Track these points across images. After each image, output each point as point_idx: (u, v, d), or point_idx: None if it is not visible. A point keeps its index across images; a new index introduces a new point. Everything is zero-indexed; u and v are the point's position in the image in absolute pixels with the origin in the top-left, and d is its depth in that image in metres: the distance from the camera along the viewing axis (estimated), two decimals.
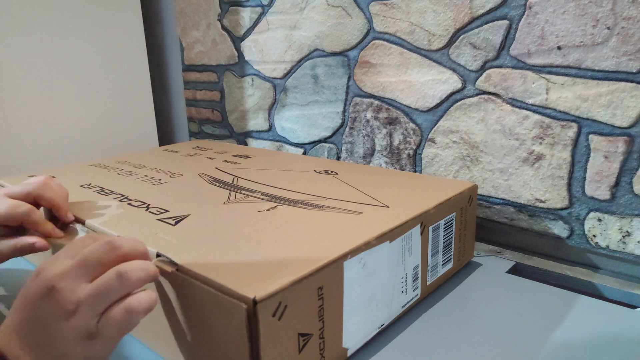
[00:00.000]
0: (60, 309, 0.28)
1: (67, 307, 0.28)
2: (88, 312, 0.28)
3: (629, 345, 0.39)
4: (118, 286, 0.29)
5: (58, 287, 0.28)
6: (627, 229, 0.52)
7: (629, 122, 0.50)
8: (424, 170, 0.68)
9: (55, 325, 0.28)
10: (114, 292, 0.29)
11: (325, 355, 0.35)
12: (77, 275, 0.29)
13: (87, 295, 0.29)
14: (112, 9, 0.92)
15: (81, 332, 0.28)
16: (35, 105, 0.84)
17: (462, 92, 0.61)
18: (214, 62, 0.95)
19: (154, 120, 1.03)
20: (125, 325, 0.29)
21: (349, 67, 0.73)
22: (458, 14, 0.59)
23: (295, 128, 0.84)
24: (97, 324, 0.29)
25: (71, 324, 0.28)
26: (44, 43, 0.84)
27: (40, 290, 0.29)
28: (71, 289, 0.29)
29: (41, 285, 0.29)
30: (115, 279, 0.29)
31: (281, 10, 0.79)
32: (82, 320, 0.28)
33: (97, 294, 0.29)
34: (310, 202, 0.47)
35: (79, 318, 0.28)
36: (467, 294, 0.48)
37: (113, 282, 0.29)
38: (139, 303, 0.30)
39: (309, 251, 0.35)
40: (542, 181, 0.57)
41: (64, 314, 0.28)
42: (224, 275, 0.32)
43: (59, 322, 0.28)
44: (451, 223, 0.49)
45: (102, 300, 0.29)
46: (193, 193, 0.51)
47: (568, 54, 0.52)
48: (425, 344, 0.40)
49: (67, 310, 0.28)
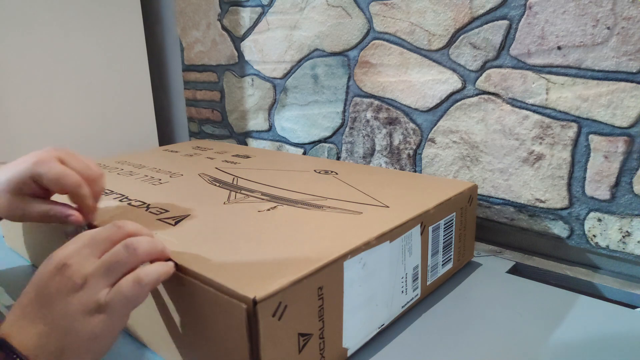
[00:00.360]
0: (69, 283, 0.29)
1: (75, 281, 0.29)
2: (96, 285, 0.29)
3: (629, 345, 0.39)
4: (126, 257, 0.30)
5: (68, 263, 0.29)
6: (627, 229, 0.52)
7: (629, 122, 0.50)
8: (424, 170, 0.68)
9: (64, 299, 0.29)
10: (122, 263, 0.30)
11: (325, 355, 0.35)
12: (87, 252, 0.30)
13: (95, 268, 0.29)
14: (112, 9, 0.92)
15: (89, 306, 0.29)
16: (35, 105, 0.84)
17: (462, 92, 0.61)
18: (214, 62, 0.95)
19: (154, 120, 1.03)
20: (134, 298, 0.30)
21: (349, 67, 0.73)
22: (458, 14, 0.59)
23: (295, 128, 0.84)
24: (106, 296, 0.29)
25: (79, 297, 0.29)
26: (44, 43, 0.84)
27: (50, 270, 0.29)
28: (81, 263, 0.30)
29: (52, 264, 0.30)
30: (122, 251, 0.30)
31: (281, 10, 0.79)
32: (91, 292, 0.29)
33: (105, 266, 0.30)
34: (310, 202, 0.47)
35: (87, 291, 0.29)
36: (467, 294, 0.48)
37: (121, 254, 0.30)
38: (146, 274, 0.30)
39: (309, 251, 0.35)
40: (542, 181, 0.57)
41: (72, 288, 0.29)
42: (224, 275, 0.32)
43: (67, 296, 0.29)
44: (451, 223, 0.49)
45: (110, 272, 0.30)
46: (193, 193, 0.51)
47: (568, 54, 0.52)
48: (425, 344, 0.40)
49: (75, 284, 0.29)
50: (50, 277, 0.29)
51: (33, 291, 0.29)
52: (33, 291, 0.29)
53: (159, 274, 0.31)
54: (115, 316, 0.29)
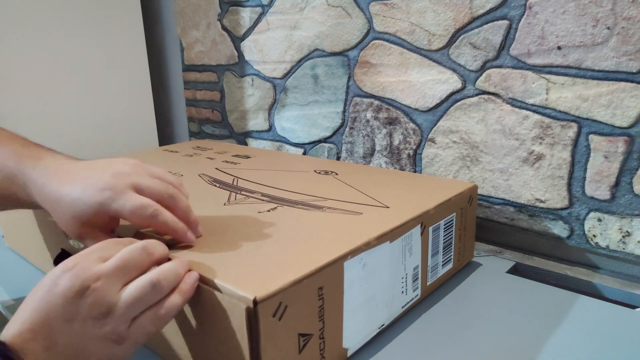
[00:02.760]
0: (94, 310, 0.28)
1: (100, 309, 0.28)
2: (121, 318, 0.29)
3: (629, 345, 0.39)
4: (152, 296, 0.30)
5: (94, 287, 0.28)
6: (627, 229, 0.52)
7: (629, 122, 0.50)
8: (424, 170, 0.68)
9: (86, 324, 0.28)
10: (147, 301, 0.30)
11: (326, 355, 0.35)
12: (114, 279, 0.29)
13: (122, 302, 0.29)
14: (112, 9, 0.92)
15: (111, 336, 0.29)
16: (36, 105, 0.84)
17: (462, 92, 0.61)
18: (214, 62, 0.95)
19: (154, 120, 1.03)
20: (153, 332, 0.30)
21: (349, 67, 0.73)
22: (458, 14, 0.59)
23: (295, 128, 0.84)
24: (128, 330, 0.29)
25: (102, 326, 0.28)
26: (44, 43, 0.84)
27: (73, 287, 0.28)
28: (107, 291, 0.29)
29: (75, 282, 0.28)
30: (149, 288, 0.30)
31: (281, 10, 0.79)
32: (114, 325, 0.29)
33: (132, 302, 0.29)
34: (310, 202, 0.47)
35: (111, 322, 0.28)
36: (467, 294, 0.48)
37: (147, 292, 0.30)
38: (166, 311, 0.30)
39: (309, 251, 0.35)
40: (542, 181, 0.57)
41: (96, 315, 0.28)
42: (224, 276, 0.32)
43: (90, 323, 0.28)
44: (451, 223, 0.49)
45: (135, 308, 0.29)
46: (193, 194, 0.51)
47: (568, 54, 0.52)
48: (425, 344, 0.40)
49: (100, 312, 0.28)
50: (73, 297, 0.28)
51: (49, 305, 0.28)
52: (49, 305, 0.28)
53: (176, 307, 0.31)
54: (132, 345, 0.30)
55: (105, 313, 0.28)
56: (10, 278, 0.55)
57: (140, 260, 0.31)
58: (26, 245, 0.57)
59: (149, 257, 0.32)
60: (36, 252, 0.55)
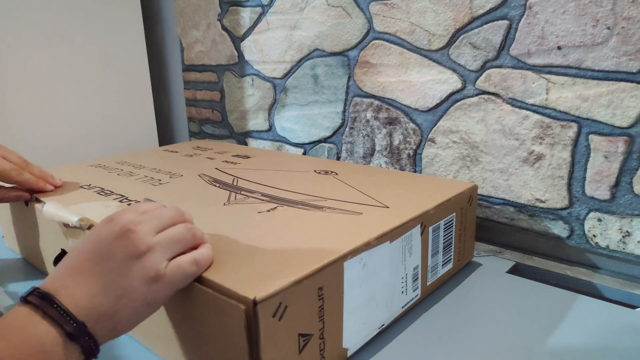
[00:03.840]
0: (134, 248, 0.30)
1: (140, 248, 0.30)
2: (159, 255, 0.31)
3: (629, 345, 0.39)
4: (188, 238, 0.33)
5: (134, 229, 0.31)
6: (627, 229, 0.52)
7: (629, 122, 0.50)
8: (424, 170, 0.68)
9: (127, 261, 0.30)
10: (184, 242, 0.33)
11: (326, 355, 0.35)
12: (152, 224, 0.32)
13: (161, 240, 0.31)
14: (112, 9, 0.92)
15: (149, 273, 0.30)
16: (35, 105, 0.84)
17: (462, 92, 0.61)
18: (214, 62, 0.95)
19: (154, 120, 1.03)
20: (190, 275, 0.32)
21: (349, 67, 0.73)
22: (458, 14, 0.59)
23: (295, 128, 0.84)
24: (165, 268, 0.31)
25: (142, 263, 0.30)
26: (44, 43, 0.84)
27: (115, 231, 0.31)
28: (146, 232, 0.31)
29: (116, 227, 0.31)
30: (186, 232, 0.33)
31: (281, 10, 0.79)
32: (153, 261, 0.30)
33: (171, 240, 0.32)
34: (310, 202, 0.47)
35: (149, 259, 0.30)
36: (467, 294, 0.48)
37: (184, 234, 0.33)
38: (203, 257, 0.33)
39: (309, 252, 0.35)
40: (542, 181, 0.57)
41: (136, 253, 0.30)
42: (224, 276, 0.32)
43: (130, 260, 0.30)
44: (451, 223, 0.49)
45: (173, 247, 0.32)
46: (193, 194, 0.51)
47: (568, 54, 0.52)
48: (425, 344, 0.40)
49: (140, 250, 0.30)
50: (114, 239, 0.30)
51: (90, 249, 0.30)
52: (90, 249, 0.30)
53: (209, 258, 0.33)
54: (168, 288, 0.31)
55: (145, 251, 0.30)
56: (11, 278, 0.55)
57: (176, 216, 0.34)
58: (26, 246, 0.57)
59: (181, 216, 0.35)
60: (36, 252, 0.55)
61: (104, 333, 0.29)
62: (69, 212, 0.44)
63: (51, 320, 0.27)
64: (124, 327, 0.30)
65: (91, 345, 0.28)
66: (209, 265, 0.33)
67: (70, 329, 0.27)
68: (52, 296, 0.28)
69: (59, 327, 0.27)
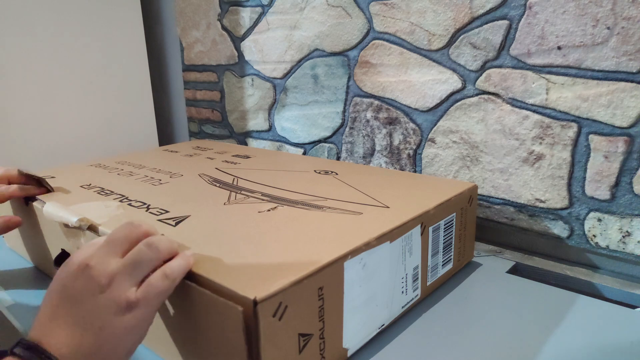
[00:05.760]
0: (95, 283, 0.29)
1: (101, 281, 0.29)
2: (124, 283, 0.30)
3: (629, 345, 0.39)
4: (150, 255, 0.31)
5: (91, 264, 0.30)
6: (627, 229, 0.52)
7: (629, 122, 0.50)
8: (424, 170, 0.68)
9: (92, 299, 0.29)
10: (147, 261, 0.31)
11: (326, 355, 0.35)
12: (108, 252, 0.31)
13: (121, 266, 0.30)
14: (112, 9, 0.92)
15: (119, 304, 0.29)
16: (36, 105, 0.84)
17: (462, 92, 0.61)
18: (214, 62, 0.95)
19: (154, 120, 1.03)
20: (164, 291, 0.31)
21: (349, 67, 0.73)
22: (458, 14, 0.59)
23: (295, 128, 0.84)
24: (136, 292, 0.30)
25: (107, 295, 0.29)
26: (44, 43, 0.84)
27: (73, 271, 0.30)
28: (103, 263, 0.30)
29: (74, 267, 0.30)
30: (146, 250, 0.31)
31: (281, 10, 0.79)
32: (119, 291, 0.29)
33: (132, 264, 0.30)
34: (310, 202, 0.47)
35: (115, 289, 0.29)
36: (467, 294, 0.48)
37: (145, 253, 0.31)
38: (172, 270, 0.31)
39: (310, 252, 0.35)
40: (542, 181, 0.57)
41: (98, 287, 0.29)
42: (224, 276, 0.32)
43: (94, 296, 0.29)
44: (451, 223, 0.49)
45: (137, 270, 0.30)
46: (193, 194, 0.51)
47: (568, 54, 0.52)
48: (425, 344, 0.40)
49: (101, 284, 0.29)
50: (73, 279, 0.30)
51: (57, 295, 0.30)
52: (57, 295, 0.30)
53: (182, 268, 0.32)
54: (148, 310, 0.30)
55: (107, 283, 0.29)
56: (10, 278, 0.55)
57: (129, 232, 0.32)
58: (26, 246, 0.57)
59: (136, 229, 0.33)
60: (36, 252, 0.55)
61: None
62: (69, 212, 0.44)
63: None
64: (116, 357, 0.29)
65: None
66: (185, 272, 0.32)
67: None
68: (37, 346, 0.27)
69: None
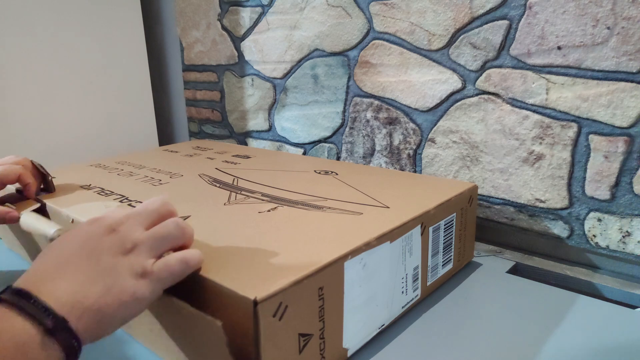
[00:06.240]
0: (120, 245, 0.30)
1: (126, 245, 0.30)
2: (146, 252, 0.30)
3: (629, 345, 0.39)
4: (176, 234, 0.32)
5: (118, 229, 0.31)
6: (627, 229, 0.52)
7: (629, 122, 0.50)
8: (424, 170, 0.68)
9: (112, 258, 0.29)
10: (172, 239, 0.32)
11: (326, 355, 0.35)
12: (137, 221, 0.32)
13: (147, 236, 0.31)
14: (112, 9, 0.92)
15: (136, 269, 0.29)
16: (36, 105, 0.84)
17: (462, 92, 0.61)
18: (214, 62, 0.95)
19: (154, 120, 1.03)
20: (177, 274, 0.31)
21: (349, 67, 0.73)
22: (458, 14, 0.59)
23: (295, 128, 0.84)
24: (153, 265, 0.30)
25: (128, 259, 0.30)
26: (44, 43, 0.84)
27: (100, 231, 0.30)
28: (131, 230, 0.31)
29: (102, 224, 0.31)
30: (173, 228, 0.32)
31: (281, 10, 0.79)
32: (140, 257, 0.30)
33: (158, 237, 0.31)
34: (310, 202, 0.47)
35: (136, 255, 0.30)
36: (467, 294, 0.48)
37: (172, 230, 0.32)
38: (192, 257, 0.32)
39: (310, 252, 0.35)
40: (542, 181, 0.57)
41: (122, 250, 0.30)
42: (224, 276, 0.32)
43: (116, 256, 0.29)
44: (451, 224, 0.49)
45: (160, 243, 0.31)
46: (193, 194, 0.51)
47: (568, 54, 0.52)
48: (425, 344, 0.40)
49: (125, 248, 0.30)
50: (98, 237, 0.30)
51: (72, 247, 0.30)
52: (72, 247, 0.30)
53: (199, 259, 0.32)
54: (155, 286, 0.30)
55: (131, 248, 0.30)
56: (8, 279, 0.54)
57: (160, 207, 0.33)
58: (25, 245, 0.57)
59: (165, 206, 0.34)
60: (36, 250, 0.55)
61: (88, 330, 0.27)
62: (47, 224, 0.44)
63: (27, 316, 0.25)
64: (110, 323, 0.28)
65: (73, 343, 0.26)
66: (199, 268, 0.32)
67: (49, 324, 0.25)
68: (28, 291, 0.26)
69: (36, 323, 0.25)
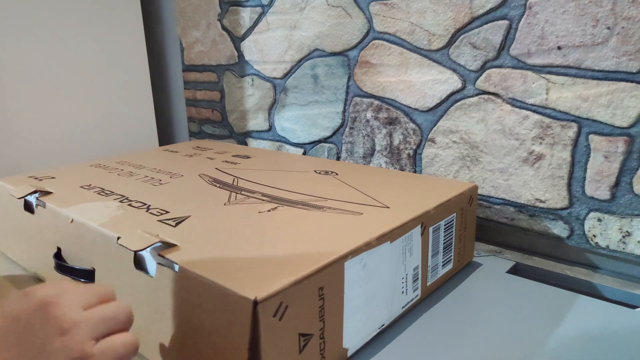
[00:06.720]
0: (56, 325, 0.27)
1: (62, 325, 0.27)
2: (86, 334, 0.27)
3: (629, 345, 0.39)
4: (121, 318, 0.29)
5: (56, 302, 0.28)
6: (627, 229, 0.52)
7: (629, 122, 0.50)
8: (424, 170, 0.68)
9: (47, 338, 0.26)
10: (117, 322, 0.29)
11: (326, 355, 0.35)
12: (77, 298, 0.29)
13: (89, 317, 0.28)
14: (112, 9, 0.92)
15: (74, 353, 0.27)
16: (36, 105, 0.84)
17: (462, 92, 0.61)
18: (214, 62, 0.95)
19: (154, 120, 1.03)
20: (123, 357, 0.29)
21: (349, 67, 0.73)
22: (458, 13, 0.59)
23: (295, 128, 0.84)
24: (93, 347, 0.27)
25: (63, 341, 0.27)
26: (44, 43, 0.84)
27: (34, 305, 0.27)
28: (70, 307, 0.28)
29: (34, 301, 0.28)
30: (120, 311, 0.30)
31: (281, 10, 0.79)
32: (78, 340, 0.27)
33: (102, 318, 0.28)
34: (310, 202, 0.47)
35: (74, 337, 0.27)
36: (467, 294, 0.48)
37: (117, 313, 0.29)
38: (136, 341, 0.29)
39: (310, 252, 0.35)
40: (542, 181, 0.57)
41: (58, 330, 0.27)
42: (224, 276, 0.32)
43: (51, 337, 0.27)
44: (451, 224, 0.49)
45: (103, 326, 0.28)
46: (193, 194, 0.51)
47: (568, 54, 0.52)
48: (425, 344, 0.40)
49: (62, 327, 0.27)
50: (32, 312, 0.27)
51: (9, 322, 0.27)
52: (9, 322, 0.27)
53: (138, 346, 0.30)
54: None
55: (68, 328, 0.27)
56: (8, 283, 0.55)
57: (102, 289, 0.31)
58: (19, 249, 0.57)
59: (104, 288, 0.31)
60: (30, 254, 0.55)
61: None
62: None
63: None
64: None
65: None
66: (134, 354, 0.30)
67: None
68: None
69: None
